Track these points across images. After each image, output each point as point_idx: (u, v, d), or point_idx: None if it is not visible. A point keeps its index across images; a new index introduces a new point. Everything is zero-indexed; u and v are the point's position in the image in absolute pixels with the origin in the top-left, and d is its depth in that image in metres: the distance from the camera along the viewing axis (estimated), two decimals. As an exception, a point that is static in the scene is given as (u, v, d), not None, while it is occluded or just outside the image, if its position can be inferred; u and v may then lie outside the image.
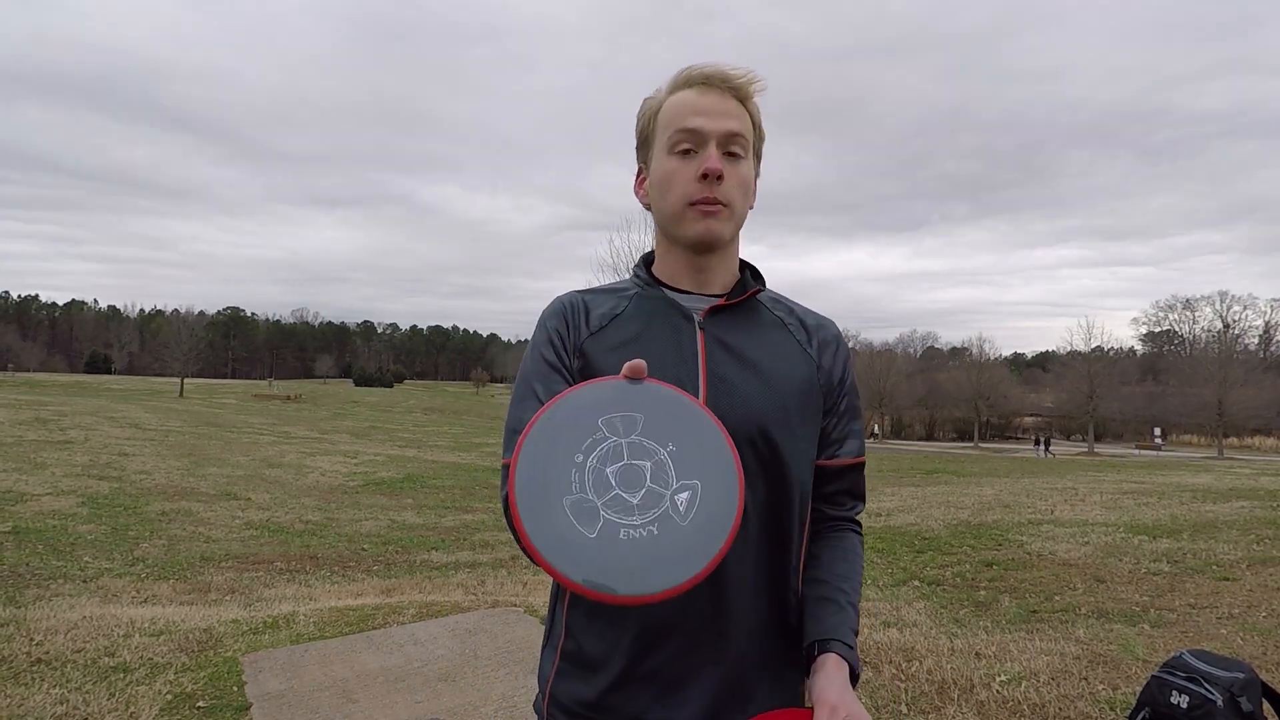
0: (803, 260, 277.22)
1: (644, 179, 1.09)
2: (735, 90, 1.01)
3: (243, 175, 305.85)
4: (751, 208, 1.09)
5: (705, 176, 0.98)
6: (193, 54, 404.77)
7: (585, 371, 1.02)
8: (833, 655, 0.95)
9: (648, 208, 1.09)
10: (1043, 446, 46.82)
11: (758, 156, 1.07)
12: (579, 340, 1.04)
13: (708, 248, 1.03)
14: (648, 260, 1.14)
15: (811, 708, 0.90)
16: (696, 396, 0.98)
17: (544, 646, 1.09)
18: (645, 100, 1.07)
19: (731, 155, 1.00)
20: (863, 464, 1.13)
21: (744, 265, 1.13)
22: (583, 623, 1.02)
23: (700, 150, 0.99)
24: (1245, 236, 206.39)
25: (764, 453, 1.00)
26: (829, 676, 0.93)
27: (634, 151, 1.11)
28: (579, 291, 1.10)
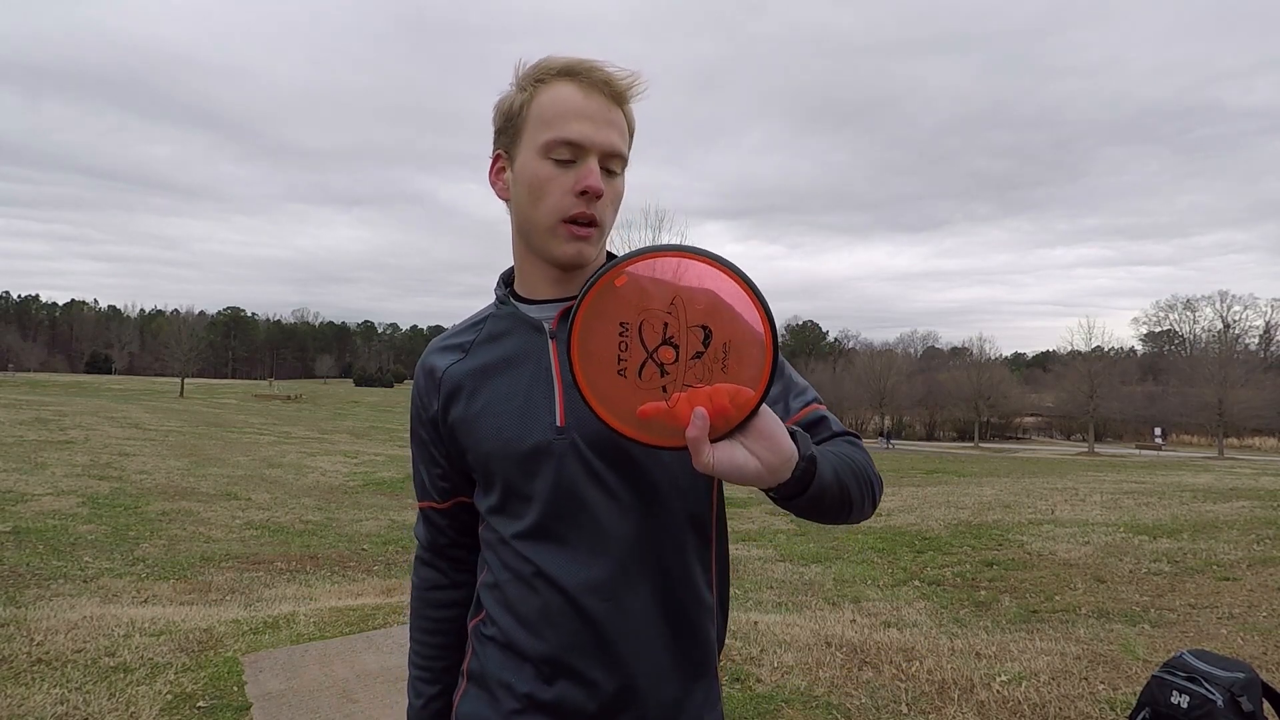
0: (817, 260, 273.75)
1: (502, 168, 0.99)
2: (618, 95, 0.94)
3: (262, 173, 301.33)
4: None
5: (584, 193, 0.91)
6: (224, 50, 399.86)
7: (455, 437, 1.00)
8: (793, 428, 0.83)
9: (505, 201, 1.00)
10: (886, 439, 50.29)
11: (625, 161, 0.99)
12: (432, 414, 1.03)
13: (574, 268, 0.97)
14: (507, 278, 1.06)
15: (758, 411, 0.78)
16: (555, 417, 0.93)
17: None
18: (511, 85, 0.97)
19: (609, 172, 0.94)
20: (822, 416, 0.99)
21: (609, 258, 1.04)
22: (484, 644, 0.99)
23: (579, 161, 0.91)
24: (1271, 235, 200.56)
25: (631, 473, 0.93)
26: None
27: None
28: (435, 344, 1.06)
